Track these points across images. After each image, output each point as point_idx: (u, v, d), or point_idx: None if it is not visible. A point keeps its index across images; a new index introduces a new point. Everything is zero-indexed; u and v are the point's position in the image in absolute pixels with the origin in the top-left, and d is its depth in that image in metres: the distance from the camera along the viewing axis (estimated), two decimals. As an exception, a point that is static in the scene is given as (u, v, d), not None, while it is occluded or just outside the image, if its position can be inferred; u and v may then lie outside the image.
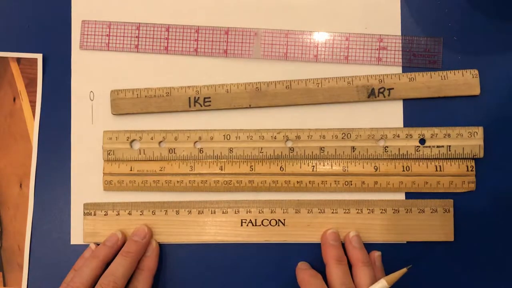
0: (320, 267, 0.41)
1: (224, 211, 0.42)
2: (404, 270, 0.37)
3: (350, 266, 0.40)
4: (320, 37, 0.43)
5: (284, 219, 0.42)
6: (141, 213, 0.42)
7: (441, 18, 0.43)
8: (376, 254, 0.41)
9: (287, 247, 0.43)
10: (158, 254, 0.42)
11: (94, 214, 0.43)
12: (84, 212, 0.43)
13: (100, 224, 0.42)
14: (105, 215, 0.43)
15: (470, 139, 0.42)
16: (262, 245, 0.43)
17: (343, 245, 0.41)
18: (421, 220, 0.42)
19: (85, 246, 0.43)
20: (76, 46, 0.44)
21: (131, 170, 0.43)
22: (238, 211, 0.42)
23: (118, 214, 0.42)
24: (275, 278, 0.42)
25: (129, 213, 0.42)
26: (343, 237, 0.41)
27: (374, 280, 0.38)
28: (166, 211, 0.42)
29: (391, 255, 0.41)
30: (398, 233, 0.42)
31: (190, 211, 0.42)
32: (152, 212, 0.42)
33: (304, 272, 0.40)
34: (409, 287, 0.41)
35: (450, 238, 0.42)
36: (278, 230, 0.42)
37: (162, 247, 0.43)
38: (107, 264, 0.39)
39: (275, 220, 0.42)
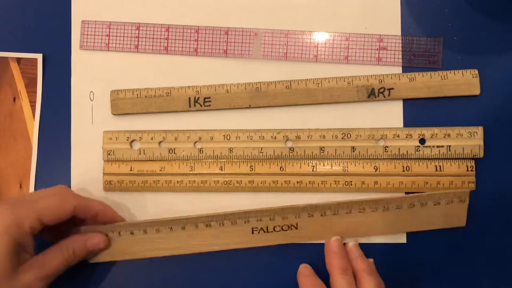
0: (323, 268, 0.41)
1: (233, 222, 0.41)
2: None
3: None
4: (320, 37, 0.43)
5: (297, 223, 0.41)
6: (144, 231, 0.41)
7: (441, 18, 0.43)
8: (370, 261, 0.40)
9: (292, 250, 0.42)
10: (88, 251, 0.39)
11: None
12: None
13: None
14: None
15: (470, 139, 0.42)
16: (268, 248, 0.42)
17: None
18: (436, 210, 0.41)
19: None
20: (76, 46, 0.44)
21: (131, 170, 0.43)
22: (248, 221, 0.41)
23: (119, 234, 0.41)
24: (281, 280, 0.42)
25: (132, 233, 0.41)
26: (346, 243, 0.41)
27: None
28: (171, 227, 0.41)
29: (391, 256, 0.41)
30: (410, 226, 0.41)
31: (197, 225, 0.41)
32: (156, 230, 0.41)
33: (307, 280, 0.39)
34: (410, 286, 0.41)
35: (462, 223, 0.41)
36: (291, 234, 0.41)
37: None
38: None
39: (287, 226, 0.41)
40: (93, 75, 0.44)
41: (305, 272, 0.40)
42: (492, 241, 0.42)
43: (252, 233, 0.41)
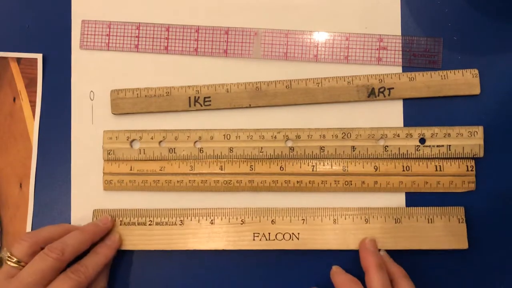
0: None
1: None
2: None
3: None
4: (320, 37, 0.43)
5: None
6: (150, 222, 0.42)
7: (441, 18, 0.43)
8: (382, 253, 0.40)
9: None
10: (117, 248, 0.41)
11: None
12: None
13: None
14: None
15: (470, 139, 0.42)
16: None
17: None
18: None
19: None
20: (76, 46, 0.44)
21: (131, 169, 0.43)
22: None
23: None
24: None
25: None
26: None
27: None
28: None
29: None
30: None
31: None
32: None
33: (343, 277, 0.39)
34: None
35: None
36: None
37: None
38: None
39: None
40: (93, 75, 0.44)
41: (338, 270, 0.40)
42: (492, 241, 0.42)
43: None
